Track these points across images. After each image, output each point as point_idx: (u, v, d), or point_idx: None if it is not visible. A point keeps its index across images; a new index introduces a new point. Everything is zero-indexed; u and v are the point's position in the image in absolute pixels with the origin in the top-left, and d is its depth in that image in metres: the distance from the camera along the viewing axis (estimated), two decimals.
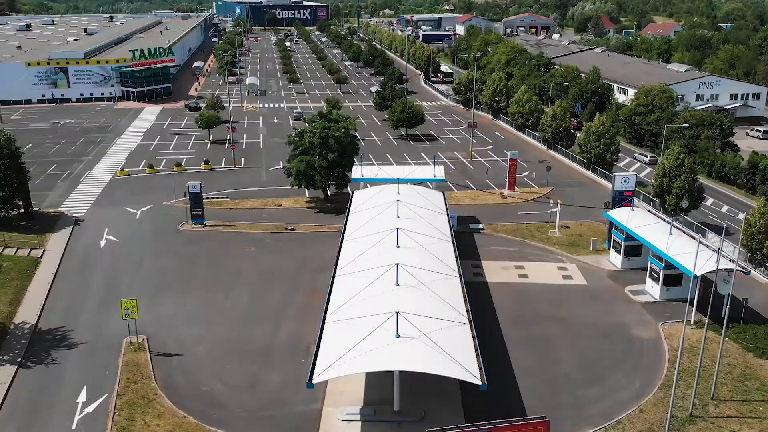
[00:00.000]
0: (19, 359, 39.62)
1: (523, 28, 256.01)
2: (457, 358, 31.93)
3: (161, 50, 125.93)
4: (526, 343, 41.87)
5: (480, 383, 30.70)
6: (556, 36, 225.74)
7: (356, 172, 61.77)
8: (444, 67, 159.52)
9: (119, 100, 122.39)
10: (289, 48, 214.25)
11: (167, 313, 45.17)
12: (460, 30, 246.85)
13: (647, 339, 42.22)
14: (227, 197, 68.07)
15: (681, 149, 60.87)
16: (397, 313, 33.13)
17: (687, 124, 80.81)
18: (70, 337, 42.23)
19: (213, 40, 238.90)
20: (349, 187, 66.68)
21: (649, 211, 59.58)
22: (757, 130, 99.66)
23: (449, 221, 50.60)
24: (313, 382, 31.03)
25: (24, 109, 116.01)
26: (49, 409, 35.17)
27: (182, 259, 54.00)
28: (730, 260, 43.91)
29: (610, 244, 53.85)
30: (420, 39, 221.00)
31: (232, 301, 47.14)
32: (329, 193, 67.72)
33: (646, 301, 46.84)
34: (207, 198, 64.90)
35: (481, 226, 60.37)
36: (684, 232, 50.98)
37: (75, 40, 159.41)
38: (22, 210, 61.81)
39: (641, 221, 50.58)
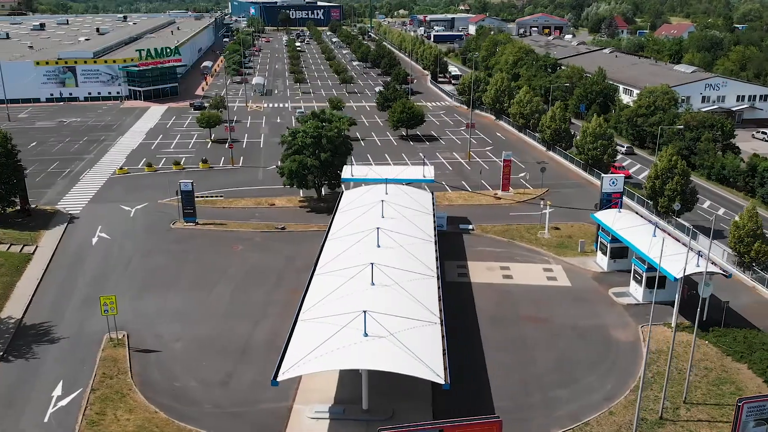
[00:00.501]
0: (1, 353, 40.27)
1: (536, 29, 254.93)
2: (422, 358, 32.02)
3: (168, 50, 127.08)
4: (504, 343, 41.78)
5: (443, 383, 30.80)
6: (568, 36, 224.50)
7: (346, 171, 61.94)
8: (452, 68, 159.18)
9: (126, 99, 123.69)
10: (299, 48, 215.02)
11: (150, 309, 45.63)
12: (473, 30, 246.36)
13: (625, 341, 41.98)
14: (221, 196, 68.54)
15: (674, 151, 60.34)
16: (365, 312, 33.34)
17: (682, 126, 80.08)
18: (53, 332, 42.86)
19: (224, 40, 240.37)
20: (342, 186, 66.79)
21: (636, 212, 59.14)
22: (763, 132, 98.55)
23: (434, 222, 50.63)
24: (278, 379, 31.28)
25: (32, 107, 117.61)
26: (23, 402, 35.68)
27: (171, 257, 54.49)
28: (712, 263, 43.53)
29: (598, 246, 53.56)
30: (432, 39, 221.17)
31: (215, 298, 47.54)
32: (322, 193, 67.99)
33: (628, 303, 46.55)
34: (201, 196, 65.49)
35: (470, 226, 60.30)
36: (669, 234, 50.57)
37: (86, 39, 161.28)
38: (19, 207, 62.76)
39: (627, 223, 50.22)
